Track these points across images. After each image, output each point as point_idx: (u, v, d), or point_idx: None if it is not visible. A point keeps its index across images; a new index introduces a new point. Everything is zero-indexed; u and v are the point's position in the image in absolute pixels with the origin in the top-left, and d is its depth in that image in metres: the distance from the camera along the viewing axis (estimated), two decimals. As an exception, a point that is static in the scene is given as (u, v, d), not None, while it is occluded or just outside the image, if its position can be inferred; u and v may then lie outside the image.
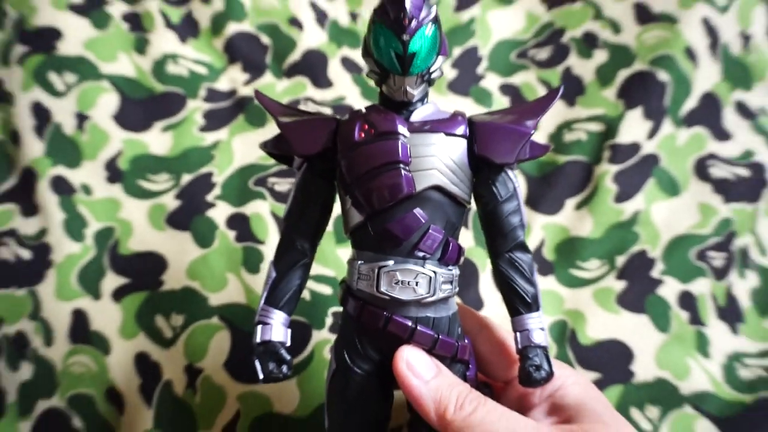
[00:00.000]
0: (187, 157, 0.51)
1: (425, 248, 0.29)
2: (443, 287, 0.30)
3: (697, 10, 0.53)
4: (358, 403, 0.31)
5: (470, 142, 0.30)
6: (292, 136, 0.31)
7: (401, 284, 0.29)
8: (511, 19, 0.59)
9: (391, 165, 0.29)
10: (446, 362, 0.30)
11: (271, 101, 0.33)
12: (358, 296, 0.31)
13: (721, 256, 0.47)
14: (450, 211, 0.30)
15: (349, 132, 0.30)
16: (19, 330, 0.45)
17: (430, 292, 0.30)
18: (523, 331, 0.31)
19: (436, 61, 0.28)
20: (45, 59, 0.53)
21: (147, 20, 0.57)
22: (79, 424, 0.42)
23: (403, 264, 0.30)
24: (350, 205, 0.30)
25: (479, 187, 0.31)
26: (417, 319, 0.30)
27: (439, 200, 0.30)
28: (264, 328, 0.31)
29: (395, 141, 0.29)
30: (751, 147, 0.51)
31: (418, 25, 0.27)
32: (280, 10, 0.58)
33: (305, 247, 0.32)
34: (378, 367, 0.31)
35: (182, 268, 0.46)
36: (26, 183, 0.50)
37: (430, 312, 0.30)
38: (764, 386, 0.43)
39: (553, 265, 0.47)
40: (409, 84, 0.29)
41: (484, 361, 0.34)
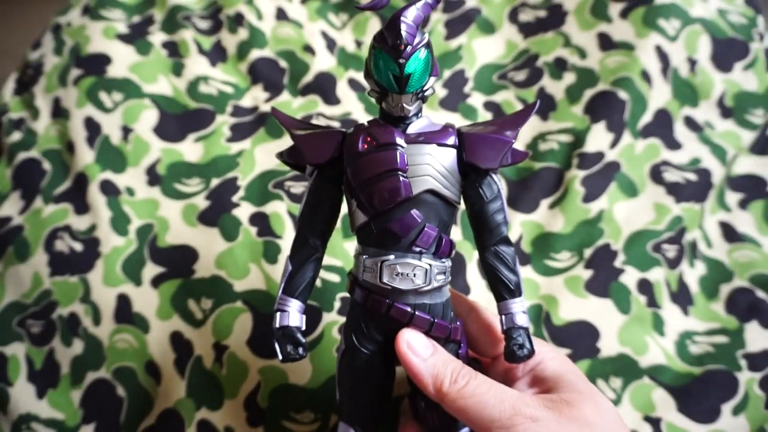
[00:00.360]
0: (215, 163, 0.50)
1: (421, 244, 0.29)
2: (437, 277, 0.29)
3: (651, 39, 0.52)
4: (364, 378, 0.31)
5: (459, 151, 0.29)
6: (304, 147, 0.30)
7: (401, 276, 0.29)
8: (493, 46, 0.57)
9: (390, 172, 0.28)
10: (441, 342, 0.30)
11: (285, 117, 0.32)
12: (364, 286, 0.30)
13: (674, 248, 0.46)
14: (442, 211, 0.29)
15: (353, 143, 0.29)
16: (72, 311, 0.44)
17: (426, 282, 0.29)
18: (508, 314, 0.30)
19: (429, 80, 0.28)
20: (96, 81, 0.53)
21: (183, 47, 0.56)
22: (123, 392, 0.41)
23: (402, 258, 0.29)
24: (356, 207, 0.29)
25: (467, 189, 0.30)
26: (415, 305, 0.29)
27: (432, 202, 0.29)
28: (282, 315, 0.30)
29: (394, 151, 0.28)
30: (698, 155, 0.50)
31: (413, 50, 0.26)
32: (295, 38, 0.57)
33: (317, 244, 0.31)
34: (381, 346, 0.30)
35: (211, 259, 0.44)
36: (79, 186, 0.49)
37: (427, 299, 0.30)
38: (711, 360, 0.42)
39: (530, 257, 0.46)
40: (405, 101, 0.28)
41: (474, 340, 0.33)
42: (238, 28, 0.56)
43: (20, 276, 0.46)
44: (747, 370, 0.41)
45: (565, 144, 0.50)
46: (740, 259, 0.47)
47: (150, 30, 0.57)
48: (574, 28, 0.55)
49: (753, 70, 0.53)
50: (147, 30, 0.57)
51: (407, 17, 0.26)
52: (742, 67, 0.53)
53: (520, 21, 0.58)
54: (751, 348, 0.42)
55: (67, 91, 0.53)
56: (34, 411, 0.41)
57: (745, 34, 0.54)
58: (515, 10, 0.58)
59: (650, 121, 0.50)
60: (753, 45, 0.54)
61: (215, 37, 0.57)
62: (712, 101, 0.52)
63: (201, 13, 0.59)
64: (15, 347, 0.44)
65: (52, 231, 0.47)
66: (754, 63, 0.53)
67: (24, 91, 0.56)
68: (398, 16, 0.26)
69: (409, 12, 0.26)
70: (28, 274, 0.46)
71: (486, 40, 0.57)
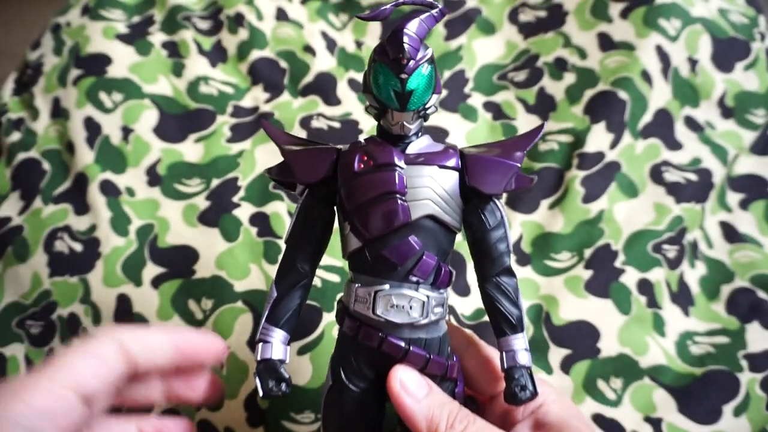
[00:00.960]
0: (216, 164, 0.50)
1: (419, 274, 0.27)
2: (435, 310, 0.27)
3: (651, 38, 0.52)
4: (352, 417, 0.29)
5: (461, 174, 0.28)
6: (295, 165, 0.29)
7: (396, 308, 0.27)
8: (493, 46, 0.57)
9: (388, 195, 0.26)
10: (437, 380, 0.28)
11: (276, 131, 0.30)
12: (355, 317, 0.28)
13: (674, 248, 0.46)
14: (442, 238, 0.28)
15: (349, 162, 0.27)
16: (72, 312, 0.44)
17: (423, 315, 0.27)
18: (509, 352, 0.28)
19: (431, 98, 0.26)
20: (96, 81, 0.53)
21: (183, 48, 0.56)
22: None
23: (398, 288, 0.27)
24: (349, 231, 0.28)
25: (469, 216, 0.28)
26: (410, 340, 0.27)
27: (432, 228, 0.27)
28: (264, 347, 0.28)
29: (392, 172, 0.26)
30: (698, 155, 0.50)
31: (416, 65, 0.25)
32: (296, 39, 0.57)
33: (305, 269, 0.29)
34: (372, 383, 0.28)
35: (211, 259, 0.45)
36: (79, 186, 0.49)
37: (423, 333, 0.28)
38: (712, 360, 0.42)
39: (530, 257, 0.46)
40: (406, 119, 0.26)
41: (471, 376, 0.31)
42: (238, 28, 0.56)
43: (20, 276, 0.46)
44: (748, 370, 0.41)
45: (565, 144, 0.50)
46: (741, 259, 0.47)
47: (150, 30, 0.57)
48: (574, 28, 0.55)
49: (754, 69, 0.53)
50: (147, 30, 0.57)
51: (410, 30, 0.24)
52: (743, 67, 0.53)
53: (520, 21, 0.58)
54: (752, 348, 0.42)
55: (67, 92, 0.53)
56: (33, 411, 0.41)
57: (746, 33, 0.54)
58: (515, 11, 0.58)
59: (650, 121, 0.50)
60: (754, 45, 0.54)
61: (215, 37, 0.57)
62: (712, 101, 0.52)
63: (201, 13, 0.59)
64: (14, 348, 0.44)
65: (51, 231, 0.47)
66: (755, 63, 0.53)
67: (23, 91, 0.56)
68: (401, 28, 0.24)
69: (412, 24, 0.24)
70: (27, 274, 0.46)
71: (486, 41, 0.57)
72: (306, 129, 0.51)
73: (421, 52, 0.25)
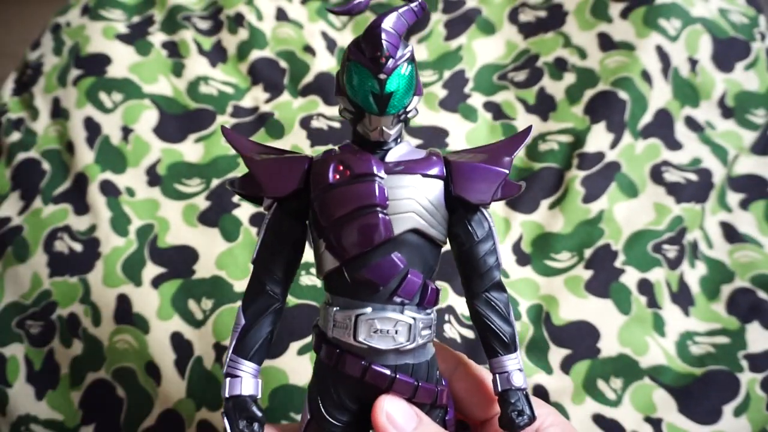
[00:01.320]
0: (216, 164, 0.50)
1: (404, 294, 0.24)
2: (423, 333, 0.25)
3: (651, 38, 0.52)
4: None
5: (446, 182, 0.25)
6: (261, 176, 0.26)
7: (380, 333, 0.24)
8: (493, 46, 0.57)
9: (367, 208, 0.24)
10: (426, 408, 0.26)
11: (239, 138, 0.27)
12: (334, 344, 0.25)
13: (674, 248, 0.46)
14: (428, 253, 0.25)
15: (323, 173, 0.24)
16: (71, 312, 0.44)
17: (409, 340, 0.24)
18: (503, 374, 0.26)
19: (413, 100, 0.24)
20: (96, 81, 0.53)
21: (183, 48, 0.56)
22: (123, 393, 0.41)
23: (381, 312, 0.24)
24: (324, 249, 0.25)
25: (455, 227, 0.26)
26: (396, 367, 0.25)
27: (416, 243, 0.25)
28: (233, 382, 0.25)
29: (372, 183, 0.24)
30: (698, 155, 0.50)
31: (396, 64, 0.22)
32: (296, 39, 0.57)
33: (276, 292, 0.26)
34: (355, 416, 0.26)
35: (211, 259, 0.45)
36: (79, 186, 0.49)
37: (410, 359, 0.25)
38: (712, 360, 0.42)
39: (530, 257, 0.46)
40: (385, 124, 0.24)
41: (461, 400, 0.29)
42: (238, 28, 0.57)
43: (19, 276, 0.46)
44: (748, 370, 0.41)
45: (565, 144, 0.50)
46: (741, 259, 0.47)
47: (150, 30, 0.57)
48: (574, 28, 0.55)
49: (754, 69, 0.53)
50: (147, 30, 0.57)
51: (388, 25, 0.22)
52: (743, 67, 0.53)
53: (520, 21, 0.58)
54: (753, 349, 0.42)
55: (67, 92, 0.53)
56: (33, 412, 0.41)
57: (746, 33, 0.54)
58: (515, 11, 0.58)
59: (651, 121, 0.50)
60: (754, 45, 0.54)
61: (215, 37, 0.57)
62: (712, 101, 0.52)
63: (201, 13, 0.59)
64: (14, 348, 0.44)
65: (51, 231, 0.47)
66: (756, 63, 0.53)
67: (23, 91, 0.56)
68: (378, 23, 0.22)
69: (389, 19, 0.22)
70: (27, 274, 0.46)
71: (486, 41, 0.57)
72: (306, 129, 0.51)
73: (400, 50, 0.23)
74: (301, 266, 0.43)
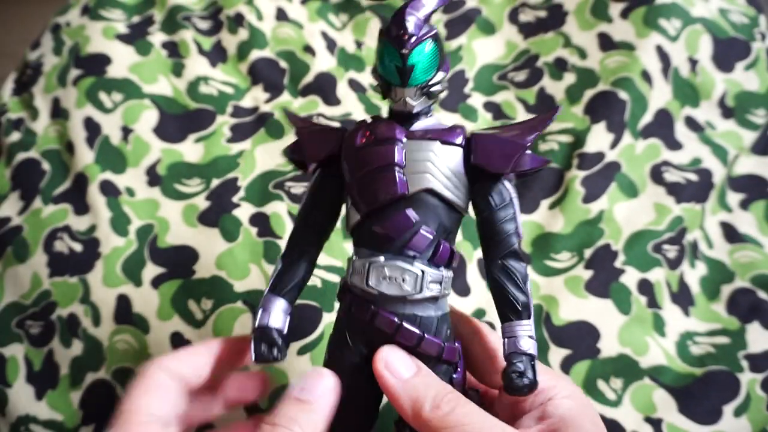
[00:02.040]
0: (216, 164, 0.50)
1: (414, 247, 0.26)
2: (431, 286, 0.27)
3: (651, 38, 0.52)
4: (346, 395, 0.27)
5: (467, 153, 0.27)
6: (306, 143, 0.30)
7: (388, 279, 0.26)
8: (493, 46, 0.57)
9: (386, 167, 0.26)
10: (431, 362, 0.27)
11: (296, 116, 0.32)
12: (351, 290, 0.28)
13: (674, 248, 0.46)
14: (443, 214, 0.27)
15: (352, 138, 0.28)
16: (71, 312, 0.44)
17: (416, 290, 0.26)
18: (511, 338, 0.27)
19: (436, 75, 0.26)
20: (96, 81, 0.53)
21: (183, 48, 0.56)
22: (122, 393, 0.41)
23: (392, 260, 0.26)
24: (350, 205, 0.28)
25: (476, 197, 0.27)
26: (403, 315, 0.27)
27: (432, 203, 0.27)
28: (263, 314, 0.28)
29: (392, 145, 0.26)
30: (698, 155, 0.50)
31: (417, 40, 0.25)
32: (296, 39, 0.57)
33: (311, 243, 0.29)
34: (366, 361, 0.27)
35: (211, 259, 0.45)
36: (79, 186, 0.49)
37: (417, 310, 0.27)
38: (712, 361, 0.42)
39: (530, 257, 0.46)
40: (408, 95, 0.26)
41: (477, 367, 0.30)
42: (238, 28, 0.57)
43: (19, 277, 0.46)
44: (748, 371, 0.41)
45: (565, 144, 0.50)
46: (741, 259, 0.47)
47: (150, 30, 0.57)
48: (574, 28, 0.55)
49: (754, 69, 0.53)
50: (147, 30, 0.57)
51: (414, 8, 0.25)
52: (744, 67, 0.53)
53: (520, 21, 0.58)
54: (753, 349, 0.42)
55: (67, 92, 0.53)
56: (33, 412, 0.41)
57: (746, 33, 0.54)
58: (515, 11, 0.58)
59: (651, 121, 0.50)
60: (754, 45, 0.54)
61: (215, 37, 0.57)
62: (713, 101, 0.52)
63: (201, 13, 0.59)
64: (14, 348, 0.44)
65: (51, 231, 0.47)
66: (756, 63, 0.53)
67: (23, 91, 0.56)
68: (405, 6, 0.25)
69: (416, 2, 0.25)
70: (27, 274, 0.46)
71: (486, 41, 0.57)
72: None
73: (424, 29, 0.25)
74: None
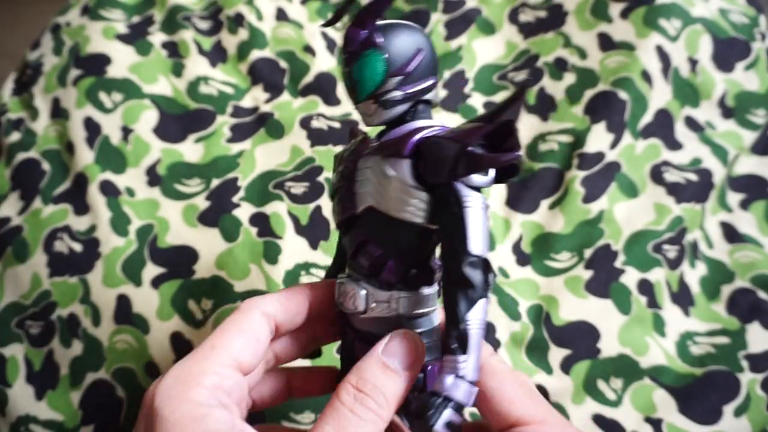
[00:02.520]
0: (216, 164, 0.50)
1: (357, 266, 0.27)
2: (373, 305, 0.26)
3: (651, 39, 0.52)
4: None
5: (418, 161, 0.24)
6: None
7: (345, 296, 0.27)
8: (493, 46, 0.57)
9: (343, 186, 0.27)
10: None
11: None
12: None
13: (674, 248, 0.46)
14: (396, 232, 0.25)
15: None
16: (71, 312, 0.44)
17: (362, 309, 0.26)
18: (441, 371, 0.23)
19: (386, 83, 0.24)
20: (96, 81, 0.53)
21: (183, 48, 0.56)
22: (122, 393, 0.41)
23: (347, 279, 0.27)
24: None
25: (435, 206, 0.24)
26: (359, 331, 0.27)
27: (378, 221, 0.25)
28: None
29: (345, 165, 0.27)
30: (698, 155, 0.50)
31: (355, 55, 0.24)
32: (296, 39, 0.57)
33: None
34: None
35: (211, 259, 0.45)
36: (79, 186, 0.49)
37: (373, 328, 0.27)
38: (712, 361, 0.42)
39: (530, 257, 0.46)
40: (363, 109, 0.26)
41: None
42: (238, 28, 0.57)
43: (19, 277, 0.46)
44: (749, 371, 0.41)
45: (565, 144, 0.50)
46: (741, 259, 0.47)
47: (150, 30, 0.57)
48: (574, 28, 0.55)
49: (754, 69, 0.53)
50: (147, 30, 0.57)
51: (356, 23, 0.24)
52: (744, 67, 0.53)
53: (520, 21, 0.58)
54: (753, 349, 0.42)
55: (67, 92, 0.53)
56: (32, 412, 0.41)
57: (746, 33, 0.54)
58: (515, 11, 0.58)
59: (651, 121, 0.50)
60: (755, 45, 0.54)
61: (215, 37, 0.57)
62: (713, 101, 0.52)
63: (201, 13, 0.59)
64: (14, 348, 0.44)
65: (51, 231, 0.47)
66: (756, 63, 0.53)
67: (23, 91, 0.56)
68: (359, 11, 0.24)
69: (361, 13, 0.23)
70: (27, 274, 0.46)
71: (486, 41, 0.57)
72: (306, 129, 0.51)
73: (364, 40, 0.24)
74: (300, 266, 0.43)
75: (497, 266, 0.45)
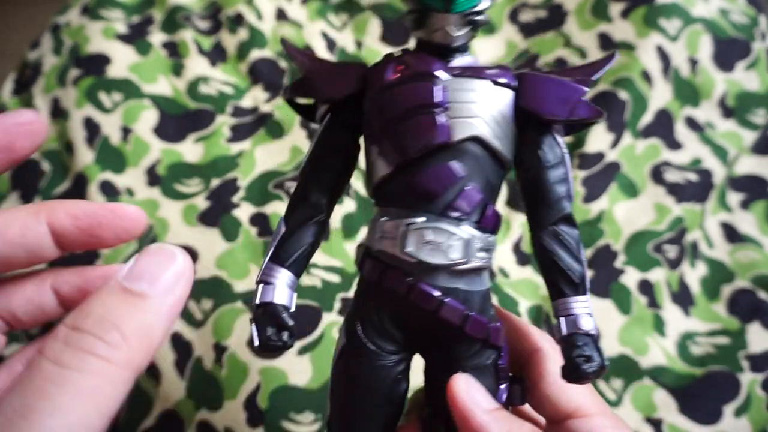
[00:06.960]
0: (215, 164, 0.50)
1: (461, 208, 0.22)
2: (479, 254, 0.22)
3: (651, 38, 0.52)
4: (367, 386, 0.23)
5: (517, 96, 0.23)
6: (316, 80, 0.24)
7: (431, 245, 0.22)
8: (494, 47, 0.57)
9: (425, 108, 0.22)
10: (475, 347, 0.23)
11: (297, 49, 0.26)
12: (380, 258, 0.23)
13: (675, 248, 0.46)
14: (490, 170, 0.23)
15: (380, 73, 0.23)
16: (71, 312, 0.44)
17: (464, 258, 0.22)
18: (569, 317, 0.22)
19: (482, 1, 0.22)
20: (96, 81, 0.53)
21: (182, 48, 0.56)
22: None
23: (435, 222, 0.22)
24: (377, 155, 0.23)
25: (522, 151, 0.23)
26: (446, 289, 0.22)
27: (478, 155, 0.22)
28: (265, 288, 0.23)
29: (431, 83, 0.22)
30: (698, 155, 0.50)
31: None
32: (296, 39, 0.57)
33: (321, 202, 0.24)
34: (398, 345, 0.23)
35: (211, 259, 0.44)
36: (79, 186, 0.49)
37: (462, 284, 0.22)
38: (712, 361, 0.42)
39: (530, 257, 0.46)
40: (450, 23, 0.22)
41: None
42: (238, 28, 0.56)
43: (19, 277, 0.46)
44: (749, 371, 0.41)
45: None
46: (742, 259, 0.47)
47: (150, 30, 0.57)
48: (574, 28, 0.55)
49: (755, 69, 0.53)
50: (146, 30, 0.57)
51: None
52: (744, 67, 0.53)
53: (521, 21, 0.58)
54: (753, 349, 0.42)
55: (66, 92, 0.53)
56: (33, 412, 0.41)
57: (746, 33, 0.54)
58: (515, 11, 0.58)
59: (651, 121, 0.50)
60: (755, 45, 0.54)
61: (215, 37, 0.57)
62: (713, 101, 0.52)
63: (201, 13, 0.59)
64: (14, 348, 0.44)
65: (51, 232, 0.47)
66: (756, 63, 0.53)
67: (23, 91, 0.56)
68: None
69: None
70: (27, 274, 0.46)
71: (487, 41, 0.57)
72: (306, 129, 0.51)
73: None
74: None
75: (497, 266, 0.45)
